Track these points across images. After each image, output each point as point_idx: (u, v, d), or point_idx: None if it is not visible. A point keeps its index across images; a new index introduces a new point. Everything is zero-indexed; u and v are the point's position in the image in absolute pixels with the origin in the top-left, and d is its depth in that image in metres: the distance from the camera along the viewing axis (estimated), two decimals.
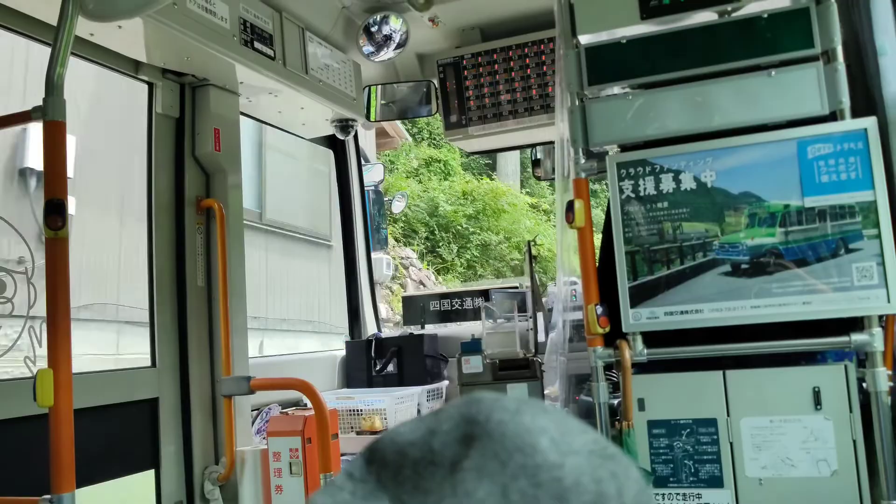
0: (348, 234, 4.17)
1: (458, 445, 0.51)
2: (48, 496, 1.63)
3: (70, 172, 1.81)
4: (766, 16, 2.11)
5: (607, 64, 2.26)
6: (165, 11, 2.21)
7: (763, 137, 2.07)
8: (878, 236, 1.94)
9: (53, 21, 1.76)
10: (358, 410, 3.21)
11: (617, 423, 2.17)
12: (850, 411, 1.98)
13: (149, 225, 2.65)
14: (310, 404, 2.55)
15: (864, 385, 1.97)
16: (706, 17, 2.22)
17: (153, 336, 2.61)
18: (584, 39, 2.30)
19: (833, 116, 2.03)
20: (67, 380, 1.67)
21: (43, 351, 1.70)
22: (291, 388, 2.62)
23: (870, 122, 1.97)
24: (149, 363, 2.60)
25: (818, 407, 2.00)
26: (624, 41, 2.25)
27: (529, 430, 0.50)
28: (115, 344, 6.04)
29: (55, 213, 1.65)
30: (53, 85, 1.70)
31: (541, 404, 0.54)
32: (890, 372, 1.94)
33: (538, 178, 4.32)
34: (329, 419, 2.48)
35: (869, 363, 1.94)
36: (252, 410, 2.90)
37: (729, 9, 2.18)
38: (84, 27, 2.14)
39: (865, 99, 2.13)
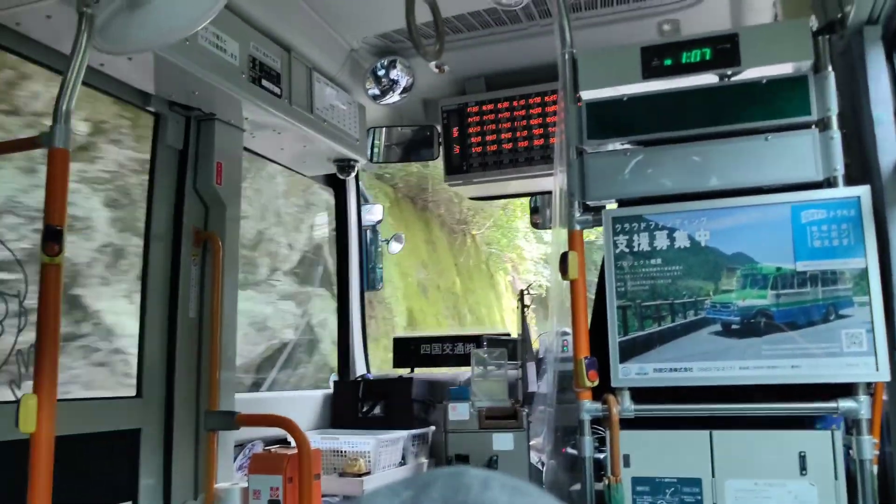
0: (343, 273, 4.17)
1: None
2: None
3: None
4: (764, 81, 2.15)
5: (608, 120, 2.30)
6: (176, 46, 2.25)
7: (758, 200, 2.09)
8: (869, 304, 1.95)
9: (65, 49, 1.79)
10: (342, 451, 3.18)
11: (604, 477, 2.15)
12: (836, 478, 1.97)
13: (144, 254, 2.66)
14: (294, 443, 2.52)
15: (851, 452, 1.96)
16: (706, 79, 2.26)
17: (140, 366, 2.60)
18: (586, 95, 2.34)
19: (828, 183, 2.06)
20: (51, 406, 1.66)
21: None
22: (275, 425, 2.60)
23: (863, 191, 2.00)
24: (134, 393, 2.59)
25: (803, 472, 1.99)
26: (625, 98, 2.29)
27: None
28: None
29: (53, 239, 1.66)
30: (62, 113, 1.73)
31: (533, 495, 0.48)
32: (876, 440, 1.93)
33: (536, 227, 4.34)
34: (312, 459, 2.45)
35: (856, 430, 1.93)
36: (235, 446, 2.87)
37: (729, 73, 2.22)
38: (95, 57, 2.17)
39: (861, 167, 2.16)
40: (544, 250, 14.39)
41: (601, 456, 2.23)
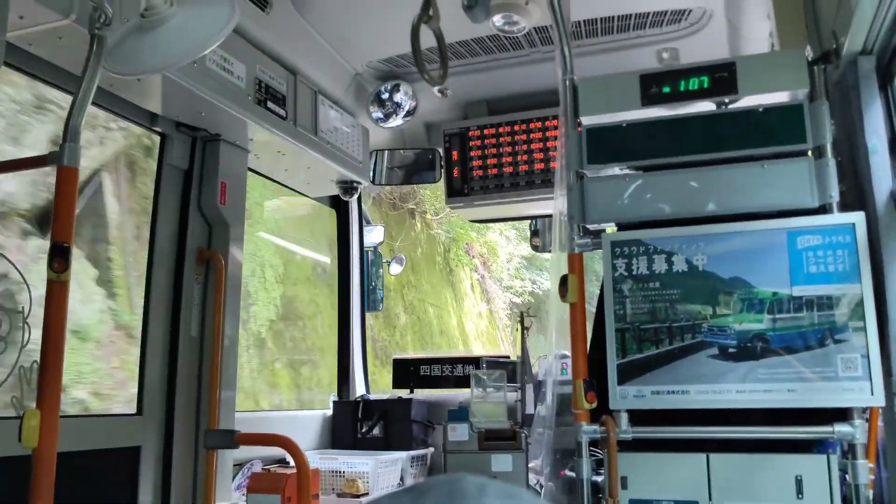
0: (344, 294, 4.20)
1: None
2: None
3: None
4: (761, 109, 2.19)
5: (607, 145, 2.33)
6: (184, 68, 2.30)
7: (754, 225, 2.12)
8: (864, 329, 1.97)
9: (75, 69, 1.83)
10: (341, 472, 3.18)
11: (602, 499, 2.16)
12: (832, 502, 1.98)
13: (148, 272, 2.69)
14: (292, 462, 2.53)
15: (847, 476, 1.97)
16: (704, 106, 2.30)
17: (141, 383, 2.61)
18: (587, 120, 2.37)
19: (823, 209, 2.09)
20: (54, 422, 1.67)
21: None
22: (275, 444, 2.60)
23: (858, 217, 2.03)
24: (135, 411, 2.60)
25: (800, 496, 1.99)
26: (624, 124, 2.33)
27: None
28: None
29: (60, 256, 1.69)
30: (71, 132, 1.76)
31: (527, 501, 0.50)
32: (872, 465, 1.94)
33: (536, 250, 4.38)
34: (311, 479, 2.46)
35: (851, 455, 1.94)
36: (234, 465, 2.87)
37: (726, 100, 2.26)
38: (104, 77, 2.21)
39: (856, 194, 2.19)
40: (527, 250, 12.53)
41: (599, 478, 2.23)
